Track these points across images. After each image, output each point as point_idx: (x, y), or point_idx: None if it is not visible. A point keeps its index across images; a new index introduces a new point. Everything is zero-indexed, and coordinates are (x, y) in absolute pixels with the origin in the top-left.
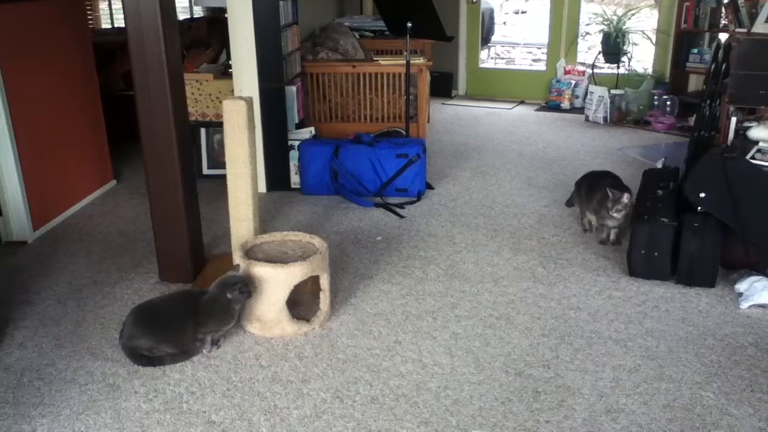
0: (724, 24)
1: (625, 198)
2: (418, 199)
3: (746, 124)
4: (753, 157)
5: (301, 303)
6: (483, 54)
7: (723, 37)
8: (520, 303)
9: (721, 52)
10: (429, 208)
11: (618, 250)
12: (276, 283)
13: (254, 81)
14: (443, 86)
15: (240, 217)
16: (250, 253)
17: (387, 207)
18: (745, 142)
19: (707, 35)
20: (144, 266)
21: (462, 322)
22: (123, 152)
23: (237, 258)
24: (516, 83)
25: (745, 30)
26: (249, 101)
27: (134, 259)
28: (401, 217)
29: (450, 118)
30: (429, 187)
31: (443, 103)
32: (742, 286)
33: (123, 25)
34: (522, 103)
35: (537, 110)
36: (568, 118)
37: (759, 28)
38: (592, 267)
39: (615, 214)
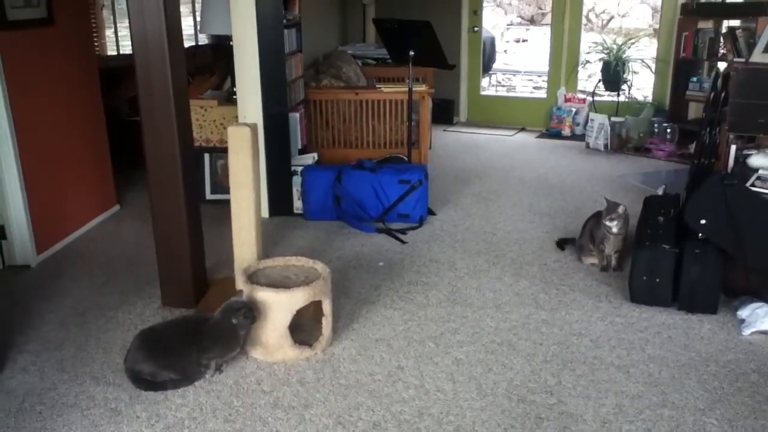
0: (723, 53)
1: (621, 209)
2: (420, 225)
3: (746, 151)
4: (753, 185)
5: (303, 328)
6: (484, 81)
7: (722, 65)
8: (522, 329)
9: (719, 80)
10: (431, 234)
11: (620, 276)
12: (278, 308)
13: (258, 107)
14: (445, 113)
15: (243, 242)
16: (252, 278)
17: (389, 232)
18: (744, 170)
19: (706, 64)
20: (146, 291)
21: (464, 348)
22: (126, 177)
23: (240, 283)
24: (517, 110)
25: (743, 59)
26: (253, 127)
27: (137, 283)
28: (403, 242)
29: (451, 145)
30: (431, 212)
31: (445, 130)
32: (743, 313)
33: (129, 51)
34: (523, 130)
35: (538, 137)
36: (569, 145)
37: (757, 57)
38: (593, 293)
39: (609, 223)
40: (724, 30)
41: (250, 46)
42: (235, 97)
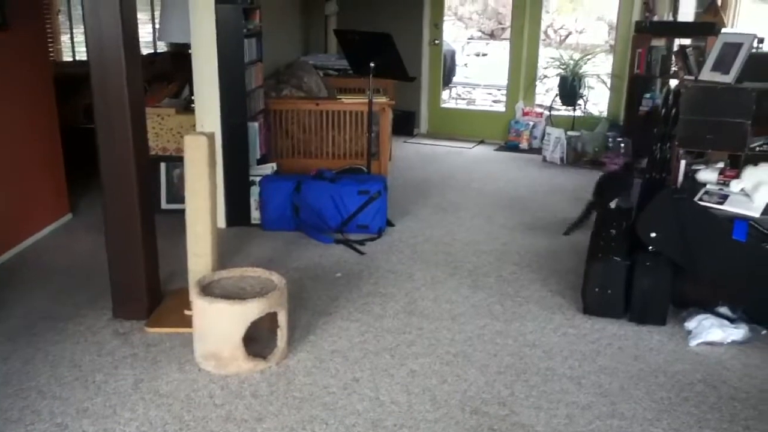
0: (674, 70)
1: None
2: (379, 236)
3: (695, 167)
4: (701, 199)
5: (258, 340)
6: (445, 94)
7: (674, 82)
8: (477, 340)
9: (671, 97)
10: (389, 245)
11: (574, 288)
12: (233, 319)
13: (217, 116)
14: (405, 124)
15: (198, 253)
16: (207, 290)
17: (347, 243)
18: (693, 184)
19: (659, 80)
20: (98, 302)
21: (419, 360)
22: (80, 186)
23: (193, 294)
24: (476, 123)
25: (693, 77)
26: (210, 137)
27: (89, 294)
28: (362, 253)
29: (412, 156)
30: (390, 223)
31: (405, 141)
32: (691, 324)
33: (85, 57)
34: (482, 142)
35: (496, 150)
36: (527, 158)
37: (705, 75)
38: (548, 304)
39: None
40: (675, 48)
41: (209, 54)
42: (193, 105)
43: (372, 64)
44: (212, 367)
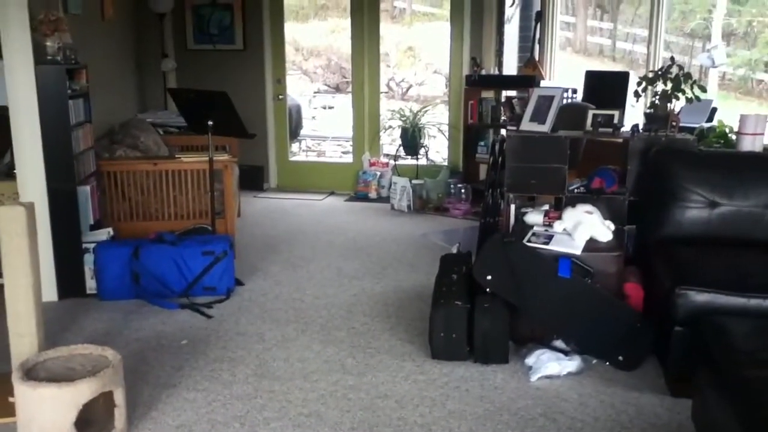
0: (504, 119)
1: None
2: (228, 297)
3: (523, 209)
4: (529, 240)
5: (94, 422)
6: (294, 147)
7: (504, 131)
8: (330, 397)
9: (498, 145)
10: (239, 306)
11: (422, 334)
12: (60, 404)
13: (41, 182)
14: (255, 179)
15: (21, 333)
16: (31, 373)
17: (193, 308)
18: (523, 227)
19: (491, 129)
20: None
21: (271, 425)
22: None
23: (16, 380)
24: (326, 175)
25: (515, 127)
26: (29, 206)
27: None
28: (209, 317)
29: (261, 212)
30: (239, 283)
31: (255, 196)
32: (530, 360)
33: None
34: (332, 194)
35: (346, 200)
36: (376, 207)
37: (525, 126)
38: (398, 353)
39: None
40: (503, 99)
41: (30, 118)
42: (14, 171)
43: (210, 123)
44: None
